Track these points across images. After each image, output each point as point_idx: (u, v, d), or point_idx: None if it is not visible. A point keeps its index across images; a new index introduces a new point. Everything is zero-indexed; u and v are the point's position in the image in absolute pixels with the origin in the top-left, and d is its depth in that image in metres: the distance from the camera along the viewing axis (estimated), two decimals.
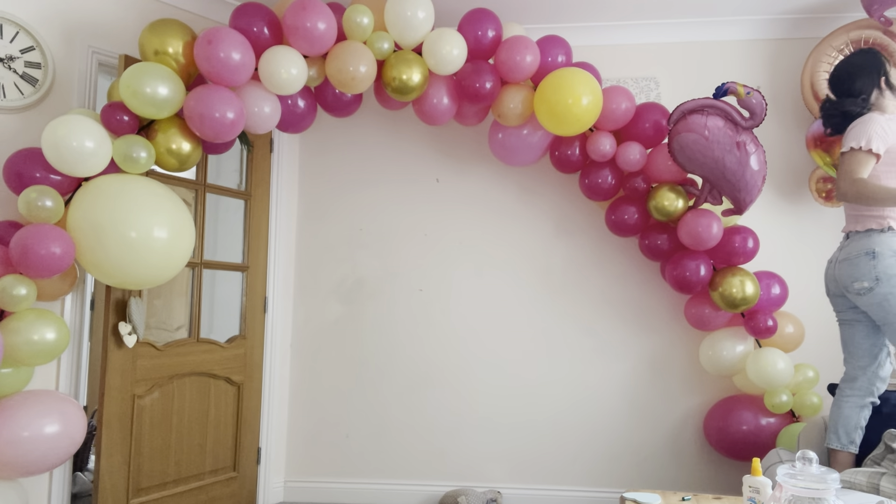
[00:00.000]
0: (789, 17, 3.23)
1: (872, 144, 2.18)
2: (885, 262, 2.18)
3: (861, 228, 2.28)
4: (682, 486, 3.15)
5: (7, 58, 2.42)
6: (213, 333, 3.09)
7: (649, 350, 3.28)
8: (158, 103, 2.35)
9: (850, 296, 2.28)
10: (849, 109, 2.32)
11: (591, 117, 2.76)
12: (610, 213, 3.06)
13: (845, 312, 2.38)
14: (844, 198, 2.23)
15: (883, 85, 2.30)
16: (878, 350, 2.32)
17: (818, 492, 1.24)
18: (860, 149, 2.19)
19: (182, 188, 2.96)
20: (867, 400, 2.33)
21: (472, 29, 2.78)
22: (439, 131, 3.47)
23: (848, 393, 2.36)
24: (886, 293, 2.17)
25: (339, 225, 3.49)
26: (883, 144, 2.19)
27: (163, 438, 2.81)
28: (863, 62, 2.35)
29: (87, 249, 2.23)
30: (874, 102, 2.32)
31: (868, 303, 2.22)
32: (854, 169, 2.20)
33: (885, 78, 2.31)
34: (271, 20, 2.59)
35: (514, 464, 3.30)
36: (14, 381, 2.24)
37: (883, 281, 2.17)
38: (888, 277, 2.17)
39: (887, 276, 2.17)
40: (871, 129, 2.20)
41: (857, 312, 2.34)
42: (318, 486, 3.37)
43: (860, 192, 2.17)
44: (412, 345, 3.40)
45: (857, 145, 2.20)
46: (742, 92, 2.56)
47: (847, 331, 2.39)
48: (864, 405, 2.33)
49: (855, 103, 2.31)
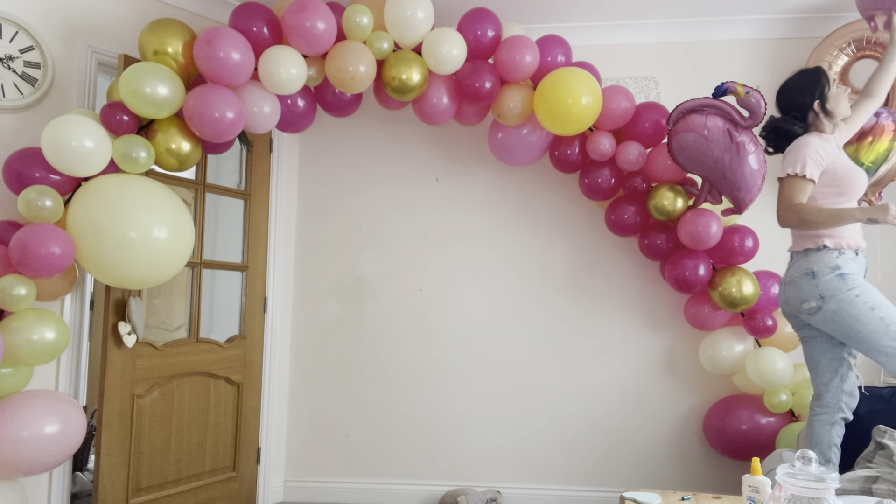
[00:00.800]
0: (790, 16, 3.23)
1: (807, 171, 2.18)
2: (824, 279, 2.18)
3: (799, 248, 2.29)
4: (681, 486, 3.15)
5: (6, 57, 2.42)
6: (213, 333, 3.09)
7: (649, 350, 3.28)
8: (158, 103, 2.35)
9: (802, 316, 2.28)
10: (787, 128, 2.32)
11: (590, 117, 2.76)
12: (609, 212, 3.06)
13: (802, 330, 2.37)
14: (787, 225, 2.24)
15: (817, 108, 2.28)
16: (838, 364, 2.29)
17: (818, 491, 1.24)
18: (796, 175, 2.19)
19: (182, 188, 2.96)
20: (837, 416, 2.27)
21: (472, 29, 2.78)
22: (439, 131, 3.47)
23: (817, 411, 2.32)
24: (835, 309, 2.16)
25: (338, 224, 3.49)
26: (818, 168, 2.19)
27: (162, 438, 2.81)
28: (800, 82, 2.33)
29: (86, 249, 2.23)
30: (812, 123, 2.31)
31: (821, 321, 2.22)
32: (792, 196, 2.20)
33: (821, 102, 2.28)
34: (271, 20, 2.59)
35: (514, 463, 3.30)
36: (14, 381, 2.24)
37: (828, 298, 2.17)
38: (832, 294, 2.16)
39: (831, 293, 2.16)
40: (805, 154, 2.19)
41: (812, 329, 2.32)
42: (318, 486, 3.37)
43: (801, 218, 2.17)
44: (412, 344, 3.40)
45: (793, 171, 2.20)
46: (741, 91, 2.56)
47: (807, 348, 2.37)
48: (834, 422, 2.27)
49: (793, 122, 2.31)
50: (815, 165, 2.19)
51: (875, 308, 2.11)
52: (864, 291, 2.14)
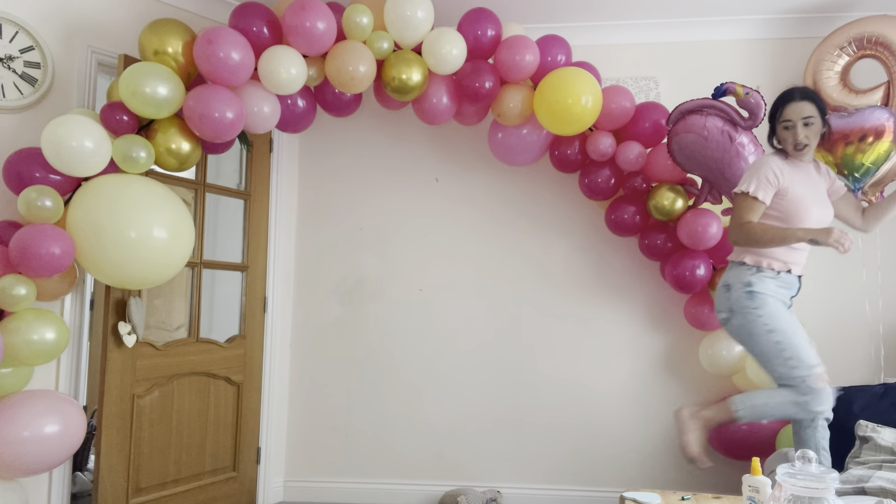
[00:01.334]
0: (790, 16, 3.23)
1: (759, 193, 2.18)
2: (735, 294, 2.21)
3: (734, 258, 2.30)
4: (682, 486, 3.15)
5: (6, 57, 2.42)
6: (213, 333, 3.09)
7: (649, 350, 3.27)
8: (158, 103, 2.35)
9: None
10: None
11: (590, 117, 2.76)
12: (609, 212, 3.06)
13: None
14: (735, 242, 2.24)
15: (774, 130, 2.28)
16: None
17: (818, 491, 1.24)
18: (748, 193, 2.19)
19: (182, 188, 2.96)
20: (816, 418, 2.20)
21: (472, 28, 2.78)
22: (439, 131, 3.47)
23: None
24: (739, 324, 2.21)
25: (338, 225, 3.49)
26: (769, 190, 2.18)
27: (162, 438, 2.81)
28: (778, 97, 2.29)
29: (86, 249, 2.23)
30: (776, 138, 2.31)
31: (729, 333, 2.29)
32: (742, 214, 2.21)
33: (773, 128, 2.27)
34: (271, 20, 2.59)
35: (514, 463, 3.30)
36: (14, 381, 2.24)
37: (735, 312, 2.21)
38: (738, 309, 2.19)
39: (738, 308, 2.20)
40: (760, 174, 2.19)
41: None
42: (318, 486, 3.37)
43: (749, 236, 2.17)
44: (412, 344, 3.40)
45: (745, 189, 2.20)
46: (741, 92, 2.56)
47: None
48: (815, 426, 2.19)
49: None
50: (768, 187, 2.18)
51: (773, 332, 2.14)
52: (767, 313, 2.15)
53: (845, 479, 2.07)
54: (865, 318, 3.13)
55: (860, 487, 2.00)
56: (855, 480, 2.04)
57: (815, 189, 2.28)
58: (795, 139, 2.20)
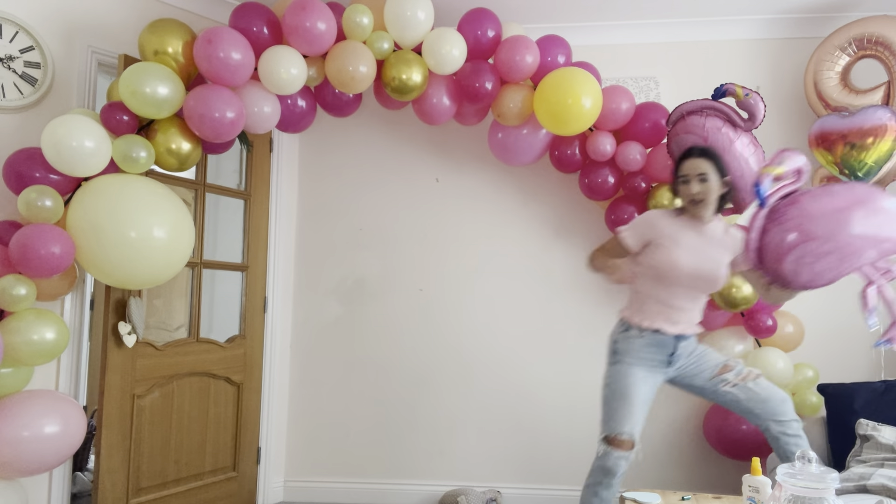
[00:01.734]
0: (790, 16, 3.23)
1: (626, 233, 2.23)
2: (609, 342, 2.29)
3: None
4: (682, 486, 3.15)
5: (6, 57, 2.42)
6: (213, 333, 3.09)
7: None
8: (158, 103, 2.35)
9: None
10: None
11: (590, 117, 2.76)
12: (610, 212, 3.06)
13: None
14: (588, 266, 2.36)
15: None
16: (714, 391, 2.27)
17: (818, 491, 1.24)
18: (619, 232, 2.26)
19: (182, 188, 2.96)
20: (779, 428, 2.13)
21: (472, 29, 2.78)
22: (439, 131, 3.47)
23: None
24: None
25: (338, 225, 3.49)
26: (637, 240, 2.21)
27: (162, 438, 2.81)
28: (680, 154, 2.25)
29: (86, 249, 2.23)
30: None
31: None
32: (604, 242, 2.33)
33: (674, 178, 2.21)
34: (271, 20, 2.59)
35: (514, 464, 3.30)
36: (14, 381, 2.24)
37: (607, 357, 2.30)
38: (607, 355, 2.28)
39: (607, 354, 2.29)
40: (637, 222, 2.25)
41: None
42: (318, 486, 3.37)
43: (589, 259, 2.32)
44: (412, 345, 3.40)
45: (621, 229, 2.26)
46: (741, 93, 2.56)
47: None
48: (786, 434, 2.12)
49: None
50: (635, 237, 2.22)
51: (607, 386, 2.21)
52: (615, 370, 2.20)
53: (847, 477, 2.07)
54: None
55: (862, 485, 2.01)
56: (856, 478, 2.04)
57: (703, 250, 2.15)
58: (689, 193, 2.15)
